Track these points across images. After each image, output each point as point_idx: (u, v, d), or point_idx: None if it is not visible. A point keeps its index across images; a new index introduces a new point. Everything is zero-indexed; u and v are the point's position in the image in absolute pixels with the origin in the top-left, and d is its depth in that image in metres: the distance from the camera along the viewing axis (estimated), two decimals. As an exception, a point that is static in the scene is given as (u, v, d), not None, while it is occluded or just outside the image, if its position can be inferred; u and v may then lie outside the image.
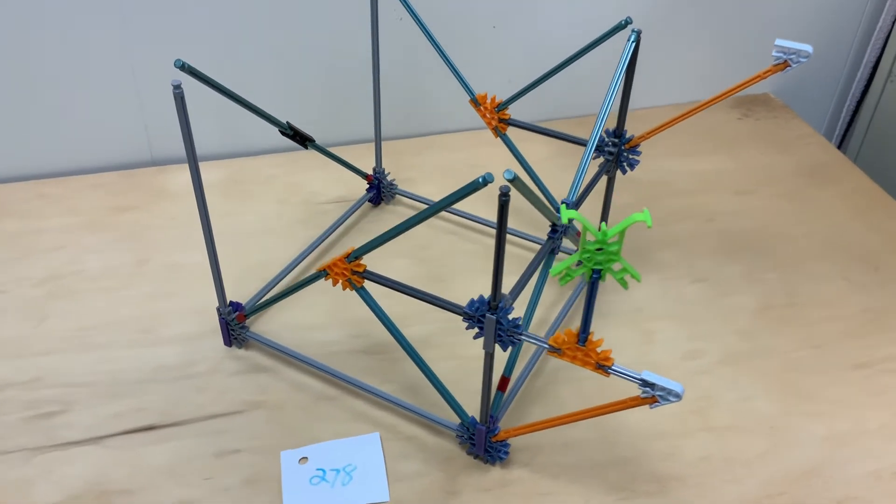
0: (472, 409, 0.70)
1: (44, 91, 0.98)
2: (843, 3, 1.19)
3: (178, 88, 0.62)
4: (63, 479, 0.68)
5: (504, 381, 0.70)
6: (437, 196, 1.00)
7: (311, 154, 0.88)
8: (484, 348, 0.62)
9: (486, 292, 0.59)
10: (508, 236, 0.93)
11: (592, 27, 0.82)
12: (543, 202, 0.63)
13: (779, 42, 0.67)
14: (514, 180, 0.54)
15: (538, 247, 0.92)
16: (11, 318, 0.82)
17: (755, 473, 0.71)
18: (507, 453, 0.70)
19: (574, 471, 0.70)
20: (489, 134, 1.13)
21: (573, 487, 0.69)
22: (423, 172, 1.05)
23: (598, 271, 0.54)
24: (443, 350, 0.80)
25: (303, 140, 0.81)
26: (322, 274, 0.67)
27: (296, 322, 0.83)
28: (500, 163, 1.06)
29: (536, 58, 1.09)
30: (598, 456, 0.72)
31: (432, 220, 0.97)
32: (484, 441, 0.69)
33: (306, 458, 0.70)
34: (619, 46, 0.73)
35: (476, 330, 0.62)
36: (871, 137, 1.22)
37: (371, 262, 0.66)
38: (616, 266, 0.54)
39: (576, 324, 0.83)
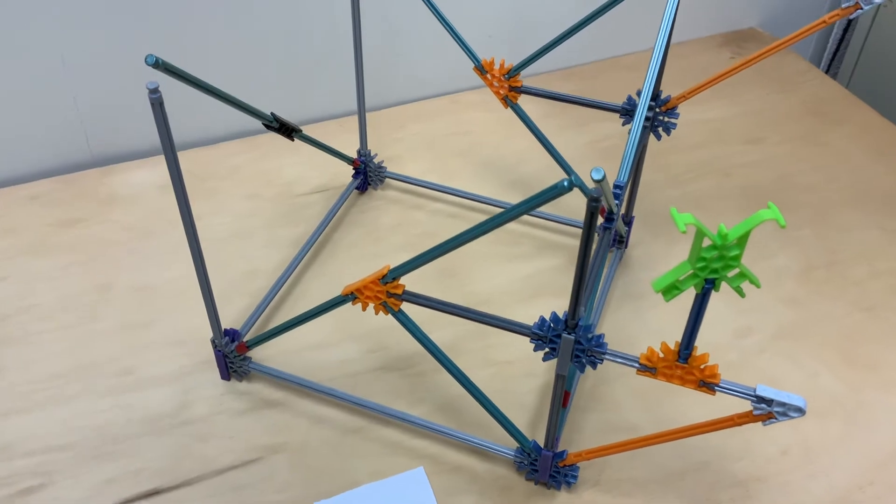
0: (521, 423, 0.61)
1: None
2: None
3: (154, 93, 0.50)
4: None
5: (566, 395, 0.61)
6: (430, 174, 0.89)
7: (275, 136, 0.75)
8: (557, 371, 0.53)
9: (508, 282, 0.50)
10: (527, 217, 0.84)
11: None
12: (609, 195, 0.53)
13: (849, -19, 0.59)
14: (602, 181, 0.45)
15: (565, 227, 0.83)
16: (-39, 373, 0.69)
17: (839, 463, 0.64)
18: (575, 477, 0.61)
19: (649, 485, 0.63)
20: (471, 96, 1.03)
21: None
22: (408, 148, 0.94)
23: (712, 281, 0.45)
24: (474, 357, 0.71)
25: (289, 132, 0.69)
26: (349, 298, 0.56)
27: (300, 342, 0.71)
28: (491, 129, 0.96)
29: (518, 5, 0.98)
30: (671, 464, 0.64)
31: (429, 204, 0.87)
32: (550, 467, 0.60)
33: (347, 508, 0.60)
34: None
35: (546, 351, 0.53)
36: (865, 65, 1.16)
37: (368, 258, 0.55)
38: (732, 272, 0.45)
39: (617, 320, 0.75)
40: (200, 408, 0.67)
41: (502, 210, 0.52)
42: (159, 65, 0.50)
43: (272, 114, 0.66)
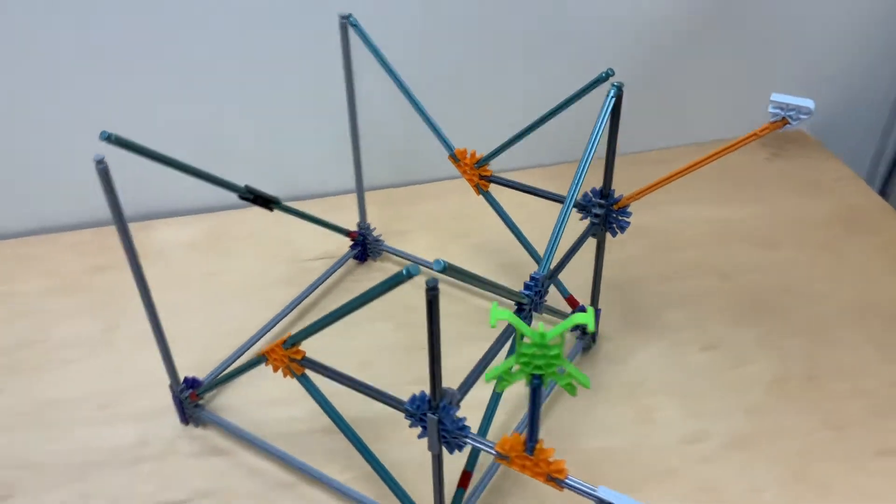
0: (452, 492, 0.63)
1: (17, 147, 0.95)
2: (887, 32, 1.08)
3: (101, 163, 0.58)
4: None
5: (466, 476, 0.63)
6: (427, 251, 0.93)
7: (321, 205, 0.82)
8: (429, 450, 0.55)
9: (469, 362, 0.53)
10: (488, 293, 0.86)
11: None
12: (493, 285, 0.56)
13: (775, 97, 0.59)
14: (446, 270, 0.47)
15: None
16: (-33, 392, 0.79)
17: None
18: (469, 560, 0.62)
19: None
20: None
21: None
22: (416, 224, 0.99)
23: (539, 377, 0.47)
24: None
25: (266, 203, 0.76)
26: (262, 359, 0.61)
27: (262, 396, 0.77)
28: (492, 214, 0.99)
29: (532, 106, 1.03)
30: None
31: (420, 279, 0.90)
32: (442, 546, 0.62)
33: (251, 558, 0.64)
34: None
35: (419, 429, 0.55)
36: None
37: (351, 325, 0.59)
38: (560, 369, 0.46)
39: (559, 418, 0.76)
40: (156, 446, 0.73)
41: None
42: (111, 139, 0.58)
43: (246, 186, 0.73)
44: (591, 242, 0.73)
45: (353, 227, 0.91)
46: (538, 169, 1.07)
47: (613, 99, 0.64)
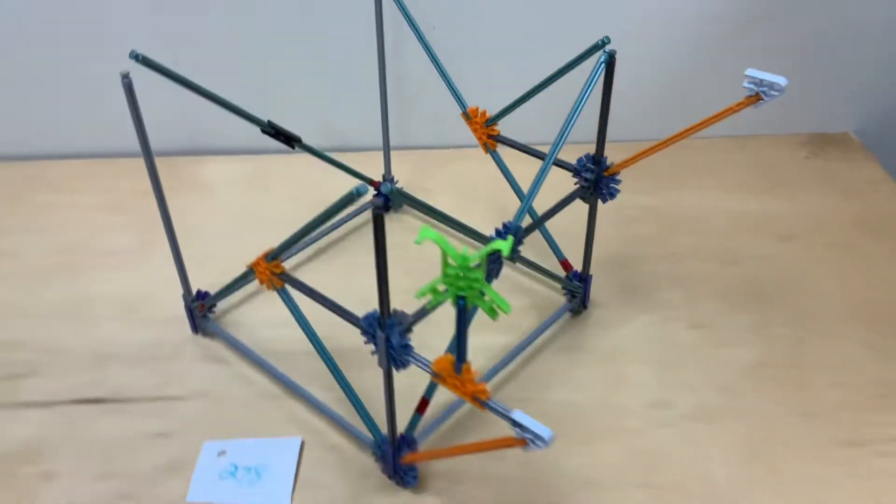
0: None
1: (91, 80, 1.05)
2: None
3: (126, 78, 0.65)
4: (4, 436, 0.72)
5: (423, 403, 0.67)
6: (447, 208, 0.98)
7: (354, 158, 0.91)
8: (379, 365, 0.60)
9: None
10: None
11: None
12: (458, 224, 0.60)
13: (750, 72, 0.61)
14: (392, 192, 0.52)
15: (542, 278, 0.88)
16: (15, 282, 0.89)
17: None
18: (415, 478, 0.67)
19: (488, 507, 0.67)
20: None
21: (479, 525, 0.65)
22: (443, 184, 1.04)
23: (464, 298, 0.51)
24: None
25: (288, 140, 0.82)
26: (251, 272, 0.68)
27: (273, 318, 0.83)
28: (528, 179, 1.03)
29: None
30: (516, 496, 0.67)
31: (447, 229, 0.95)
32: (392, 461, 0.66)
33: (225, 451, 0.71)
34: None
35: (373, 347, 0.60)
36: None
37: (360, 268, 0.61)
38: (487, 297, 0.50)
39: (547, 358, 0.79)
40: (166, 349, 0.81)
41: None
42: (139, 59, 0.66)
43: (269, 121, 0.80)
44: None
45: (381, 180, 0.97)
46: (567, 146, 1.10)
47: (604, 65, 0.67)
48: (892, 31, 1.05)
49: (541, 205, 0.74)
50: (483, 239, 0.69)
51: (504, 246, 0.48)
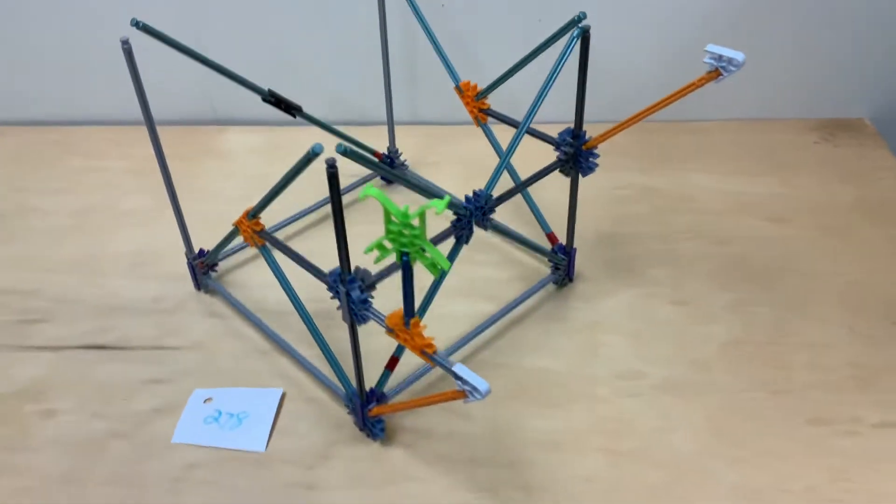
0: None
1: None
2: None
3: (125, 44, 0.69)
4: (14, 375, 0.78)
5: (393, 360, 0.71)
6: (447, 182, 1.01)
7: (362, 132, 0.94)
8: (343, 320, 0.64)
9: (456, 279, 0.57)
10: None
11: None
12: (424, 189, 0.63)
13: (710, 48, 0.62)
14: (346, 152, 0.55)
15: (533, 252, 0.91)
16: (39, 237, 0.95)
17: (638, 506, 0.66)
18: (382, 430, 0.71)
19: (449, 462, 0.70)
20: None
21: (440, 478, 0.68)
22: (447, 159, 1.06)
23: (408, 254, 0.54)
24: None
25: (288, 108, 0.86)
26: (237, 230, 0.72)
27: (271, 280, 0.86)
28: (535, 159, 1.05)
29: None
30: (480, 453, 0.70)
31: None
32: (361, 413, 0.70)
33: (211, 398, 0.75)
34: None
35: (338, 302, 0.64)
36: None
37: (356, 237, 0.63)
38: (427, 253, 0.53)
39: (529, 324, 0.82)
40: (169, 303, 0.86)
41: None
42: (139, 26, 0.70)
43: (269, 90, 0.84)
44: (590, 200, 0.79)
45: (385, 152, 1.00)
46: (558, 125, 1.11)
47: (577, 39, 0.69)
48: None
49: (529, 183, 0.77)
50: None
51: (439, 205, 0.51)
